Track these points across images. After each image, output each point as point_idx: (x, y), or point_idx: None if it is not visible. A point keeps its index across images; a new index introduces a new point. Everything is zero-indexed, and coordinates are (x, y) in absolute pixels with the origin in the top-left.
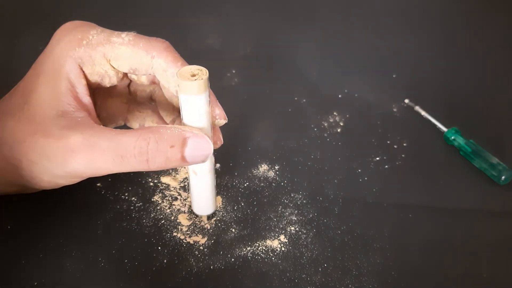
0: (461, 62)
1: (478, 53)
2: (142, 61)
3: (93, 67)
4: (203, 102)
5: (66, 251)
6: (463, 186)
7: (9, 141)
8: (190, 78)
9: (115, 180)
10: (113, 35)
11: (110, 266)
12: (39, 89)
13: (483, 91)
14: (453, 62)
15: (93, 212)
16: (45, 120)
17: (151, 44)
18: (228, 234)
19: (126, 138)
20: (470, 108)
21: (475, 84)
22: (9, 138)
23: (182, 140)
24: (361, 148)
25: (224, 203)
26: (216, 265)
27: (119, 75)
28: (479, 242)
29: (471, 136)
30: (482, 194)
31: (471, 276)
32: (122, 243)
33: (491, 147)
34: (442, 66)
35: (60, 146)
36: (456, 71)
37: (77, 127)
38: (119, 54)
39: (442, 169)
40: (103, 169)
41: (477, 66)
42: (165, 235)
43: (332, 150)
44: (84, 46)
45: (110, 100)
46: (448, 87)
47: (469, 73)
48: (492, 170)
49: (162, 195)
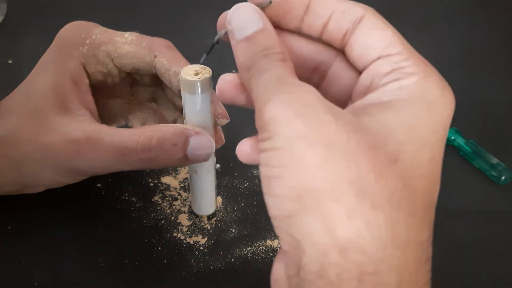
0: (461, 62)
1: (478, 53)
2: (145, 61)
3: (96, 67)
4: (206, 101)
5: (66, 251)
6: (463, 186)
7: (12, 140)
8: (194, 77)
9: (115, 180)
10: (116, 35)
11: (110, 266)
12: (42, 88)
13: (483, 91)
14: (453, 62)
15: (93, 212)
16: (49, 118)
17: (153, 44)
18: (228, 234)
19: (128, 137)
20: (470, 108)
21: (475, 84)
22: (12, 136)
23: (185, 138)
24: None
25: (224, 203)
26: (216, 265)
27: (121, 74)
28: (479, 242)
29: (471, 136)
30: (482, 194)
31: (471, 276)
32: (122, 243)
33: (491, 147)
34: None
35: (63, 144)
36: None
37: (79, 126)
38: (122, 54)
39: (442, 169)
40: (105, 167)
41: (477, 66)
42: (165, 235)
43: None
44: (87, 45)
45: (112, 100)
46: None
47: (469, 73)
48: (492, 170)
49: (162, 195)
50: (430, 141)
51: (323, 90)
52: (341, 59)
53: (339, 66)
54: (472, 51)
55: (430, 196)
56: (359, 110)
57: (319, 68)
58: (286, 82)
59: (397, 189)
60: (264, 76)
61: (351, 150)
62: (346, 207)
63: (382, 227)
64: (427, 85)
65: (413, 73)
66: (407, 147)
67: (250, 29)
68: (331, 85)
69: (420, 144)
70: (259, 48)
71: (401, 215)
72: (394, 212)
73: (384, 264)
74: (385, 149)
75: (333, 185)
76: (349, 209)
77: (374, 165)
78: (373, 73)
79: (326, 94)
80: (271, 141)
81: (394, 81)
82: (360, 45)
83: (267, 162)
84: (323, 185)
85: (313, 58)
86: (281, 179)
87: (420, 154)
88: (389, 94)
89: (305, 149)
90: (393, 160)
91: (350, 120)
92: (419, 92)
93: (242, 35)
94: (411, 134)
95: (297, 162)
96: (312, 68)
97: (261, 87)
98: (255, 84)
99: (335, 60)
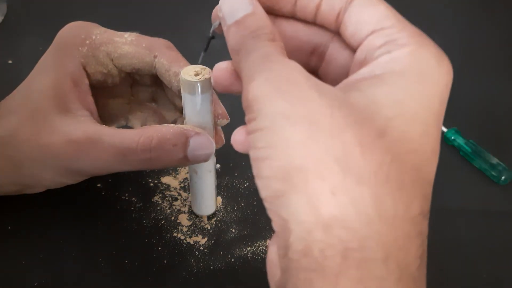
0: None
1: (478, 53)
2: (145, 61)
3: (96, 67)
4: (206, 101)
5: (66, 251)
6: (463, 186)
7: (13, 140)
8: (194, 77)
9: (115, 180)
10: (116, 35)
11: (110, 266)
12: (42, 89)
13: (483, 91)
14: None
15: (93, 212)
16: (49, 119)
17: (153, 44)
18: (228, 234)
19: (129, 137)
20: (470, 108)
21: (475, 84)
22: (12, 137)
23: (185, 139)
24: None
25: (224, 203)
26: (216, 265)
27: (121, 74)
28: (479, 242)
29: (471, 136)
30: (482, 194)
31: (471, 276)
32: (122, 243)
33: (491, 147)
34: None
35: (64, 144)
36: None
37: (80, 126)
38: (122, 54)
39: (442, 169)
40: (105, 168)
41: (477, 66)
42: (165, 235)
43: None
44: (87, 46)
45: (112, 100)
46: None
47: (469, 73)
48: (492, 170)
49: (162, 196)
50: (422, 114)
51: (323, 72)
52: (338, 40)
53: (335, 47)
54: (472, 51)
55: (422, 171)
56: (349, 86)
57: (316, 51)
58: (271, 60)
59: (384, 163)
60: (251, 56)
61: (336, 126)
62: (331, 184)
63: (368, 203)
64: (420, 55)
65: (406, 44)
66: (395, 121)
67: (240, 13)
68: (329, 66)
69: (409, 118)
70: (248, 31)
71: (389, 189)
72: (381, 187)
73: (370, 240)
74: (372, 123)
75: (317, 162)
76: (333, 185)
77: (360, 139)
78: (367, 48)
79: (326, 76)
80: (256, 122)
81: (386, 53)
82: (353, 22)
83: (255, 144)
84: (308, 162)
85: (310, 41)
86: (268, 160)
87: (410, 128)
88: (381, 67)
89: (288, 127)
90: (380, 134)
91: (335, 96)
92: (412, 64)
93: (232, 20)
94: (400, 108)
95: (282, 141)
96: (309, 51)
97: (247, 67)
98: (243, 66)
99: (332, 41)
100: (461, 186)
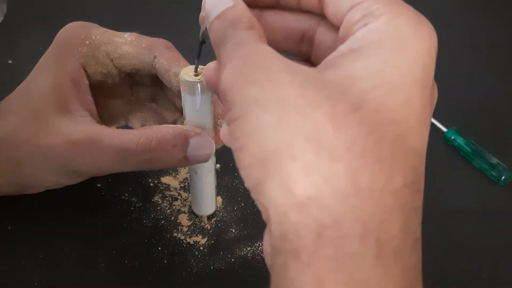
0: (461, 62)
1: (478, 53)
2: (145, 61)
3: (96, 67)
4: (206, 102)
5: (66, 251)
6: (463, 186)
7: (12, 141)
8: (193, 77)
9: (115, 180)
10: (116, 36)
11: (110, 266)
12: (42, 89)
13: (483, 91)
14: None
15: (93, 212)
16: (48, 119)
17: (153, 44)
18: (228, 234)
19: (129, 138)
20: (470, 108)
21: (475, 84)
22: (12, 137)
23: (185, 139)
24: None
25: (224, 203)
26: (216, 265)
27: (121, 75)
28: (479, 242)
29: (471, 136)
30: (482, 194)
31: (471, 276)
32: (122, 243)
33: (491, 147)
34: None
35: (63, 145)
36: (455, 71)
37: (79, 127)
38: (122, 54)
39: (442, 169)
40: (105, 168)
41: (477, 66)
42: (165, 235)
43: None
44: (87, 46)
45: (112, 101)
46: (448, 87)
47: (469, 73)
48: (492, 170)
49: (162, 196)
50: (402, 83)
51: (314, 58)
52: (324, 24)
53: (322, 30)
54: (472, 51)
55: (406, 141)
56: (327, 64)
57: (305, 37)
58: (243, 46)
59: (360, 136)
60: (227, 45)
61: (307, 105)
62: (304, 164)
63: (342, 178)
64: (396, 24)
65: (382, 14)
66: (372, 93)
67: (221, 8)
68: (319, 51)
69: (388, 89)
70: (227, 23)
71: (366, 163)
72: (356, 161)
73: (346, 216)
74: (347, 97)
75: (290, 144)
76: (306, 165)
77: (332, 115)
78: (347, 25)
79: (318, 61)
80: (231, 112)
81: (363, 26)
82: (334, 0)
83: (233, 135)
84: (281, 146)
85: (298, 28)
86: (245, 149)
87: (389, 98)
88: (358, 40)
89: (260, 113)
90: (355, 107)
91: (308, 75)
92: (388, 33)
93: (214, 15)
94: (377, 80)
95: (255, 128)
96: (299, 39)
97: (222, 57)
98: (221, 56)
99: (319, 25)
100: (461, 186)
